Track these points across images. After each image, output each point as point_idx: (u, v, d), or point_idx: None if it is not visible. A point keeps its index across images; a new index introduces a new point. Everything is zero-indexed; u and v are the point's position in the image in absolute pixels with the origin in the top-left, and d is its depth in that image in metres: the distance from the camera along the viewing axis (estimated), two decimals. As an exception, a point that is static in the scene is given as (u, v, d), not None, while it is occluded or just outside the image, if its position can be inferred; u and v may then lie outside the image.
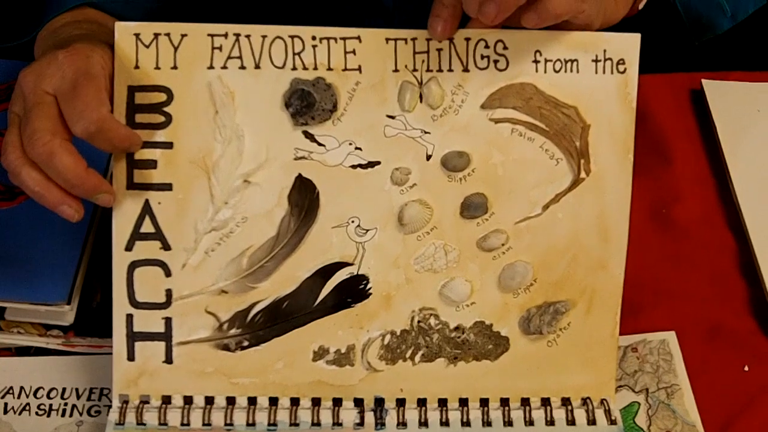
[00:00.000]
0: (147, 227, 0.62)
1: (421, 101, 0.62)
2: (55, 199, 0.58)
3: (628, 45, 0.62)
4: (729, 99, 0.84)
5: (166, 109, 0.61)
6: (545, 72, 0.62)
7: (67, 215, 0.59)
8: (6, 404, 0.66)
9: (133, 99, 0.61)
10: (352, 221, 0.63)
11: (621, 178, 0.63)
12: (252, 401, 0.64)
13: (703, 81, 0.85)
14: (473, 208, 0.63)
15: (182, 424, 0.63)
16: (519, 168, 0.63)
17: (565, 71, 0.62)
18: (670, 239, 0.77)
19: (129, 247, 0.62)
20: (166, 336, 0.63)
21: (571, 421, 0.64)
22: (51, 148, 0.56)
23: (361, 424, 0.63)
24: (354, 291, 0.63)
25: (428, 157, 0.63)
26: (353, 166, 0.62)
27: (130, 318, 0.63)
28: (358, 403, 0.64)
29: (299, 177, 0.62)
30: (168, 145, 0.61)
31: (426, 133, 0.62)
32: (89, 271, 0.69)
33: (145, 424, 0.63)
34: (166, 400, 0.63)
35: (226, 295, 0.63)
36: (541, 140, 0.63)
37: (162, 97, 0.61)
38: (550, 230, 0.63)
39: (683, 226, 0.78)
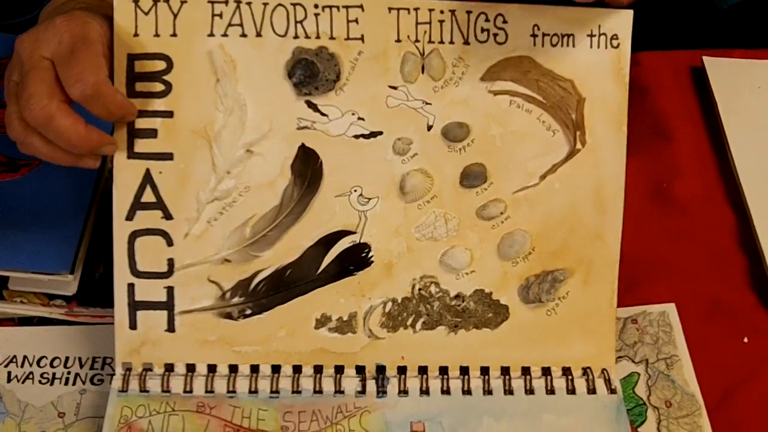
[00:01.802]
0: (148, 197, 0.62)
1: (422, 72, 0.63)
2: (71, 159, 0.59)
3: (622, 21, 0.63)
4: (729, 76, 0.84)
5: (165, 77, 0.61)
6: (543, 46, 0.63)
7: (90, 166, 0.60)
8: (9, 373, 0.67)
9: (133, 67, 0.61)
10: (355, 190, 0.63)
11: (616, 150, 0.64)
12: (254, 369, 0.64)
13: (704, 58, 0.85)
14: (472, 177, 0.64)
15: (185, 392, 0.63)
16: (517, 139, 0.63)
17: (562, 45, 0.63)
18: (671, 215, 0.77)
19: (130, 217, 0.62)
20: (168, 305, 0.63)
21: (571, 390, 0.64)
22: (48, 111, 0.56)
23: (363, 392, 0.64)
24: (356, 259, 0.64)
25: (429, 128, 0.63)
26: (356, 136, 0.63)
27: (131, 287, 0.63)
28: (360, 370, 0.64)
29: (302, 147, 0.63)
30: (168, 114, 0.61)
31: (427, 104, 0.63)
32: (92, 243, 0.69)
33: (148, 392, 0.63)
34: (169, 368, 0.64)
35: (229, 264, 0.63)
36: (538, 112, 0.63)
37: (161, 65, 0.61)
38: (547, 200, 0.64)
39: (683, 203, 0.78)
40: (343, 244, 0.64)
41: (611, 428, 0.62)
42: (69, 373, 0.67)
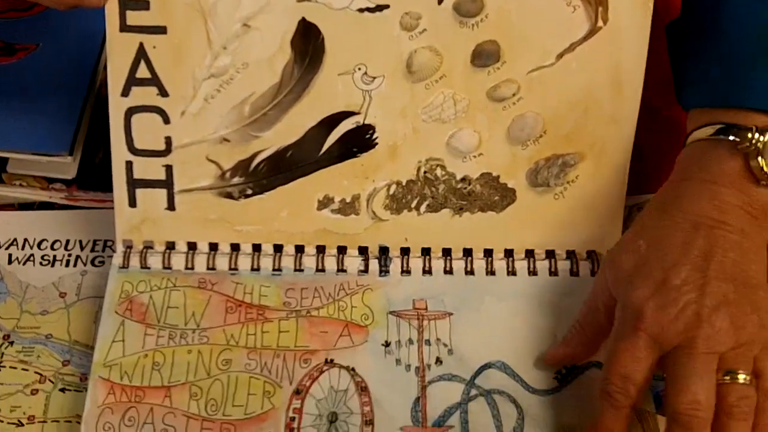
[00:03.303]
0: (143, 72, 0.60)
1: (434, -61, 0.58)
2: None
3: None
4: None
5: (157, -56, 0.57)
6: None
7: (94, 4, 0.58)
8: (10, 255, 0.66)
9: (123, -66, 0.56)
10: (359, 68, 0.60)
11: (639, 30, 0.60)
12: (256, 248, 0.64)
13: None
14: (485, 56, 0.60)
15: (186, 268, 0.63)
16: (534, 15, 0.59)
17: None
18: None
19: (125, 93, 0.60)
20: (167, 183, 0.62)
21: (575, 273, 0.64)
22: None
23: (365, 271, 0.64)
24: (360, 141, 0.62)
25: (440, 1, 0.59)
26: (360, 10, 0.59)
27: (129, 165, 0.62)
28: (363, 251, 0.64)
29: (302, 21, 0.59)
30: (160, -15, 0.58)
31: (438, -26, 0.59)
32: (92, 127, 0.68)
33: (149, 268, 0.63)
34: (170, 245, 0.64)
35: (228, 143, 0.61)
36: (558, -15, 0.59)
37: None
38: (562, 81, 0.61)
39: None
40: (347, 125, 0.61)
41: (613, 309, 0.63)
42: (70, 255, 0.67)
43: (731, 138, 0.56)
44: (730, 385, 0.52)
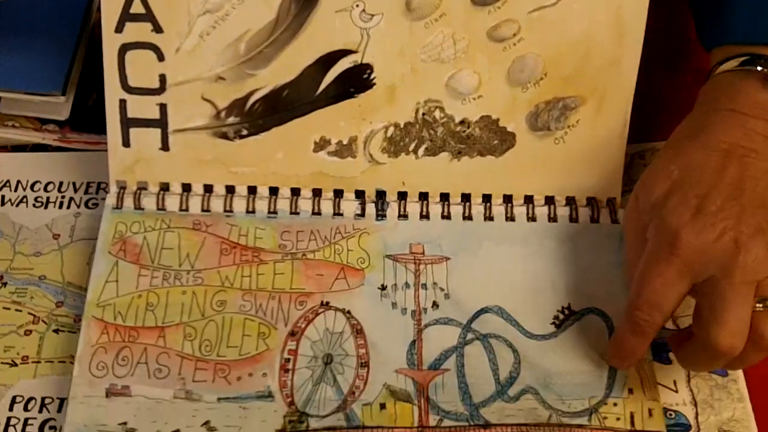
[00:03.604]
0: (137, 7, 0.58)
1: None
2: None
3: None
4: None
5: None
6: None
7: None
8: (3, 196, 0.66)
9: None
10: (357, 5, 0.59)
11: (642, -29, 0.59)
12: (252, 190, 0.63)
13: None
14: (486, -6, 0.59)
15: (181, 210, 0.62)
16: (536, -48, 0.58)
17: None
18: (686, 53, 0.72)
19: (119, 29, 0.59)
20: (161, 123, 0.61)
21: (574, 219, 0.63)
22: None
23: (362, 215, 0.63)
24: (357, 81, 0.61)
25: (440, -63, 0.58)
26: (358, -55, 0.58)
27: (123, 103, 0.60)
28: (359, 195, 0.63)
29: (299, -44, 0.58)
30: None
31: None
32: (85, 69, 0.67)
33: (143, 209, 0.62)
34: (164, 186, 0.63)
35: (223, 82, 0.60)
36: None
37: None
38: (564, 22, 0.59)
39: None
40: (344, 64, 0.60)
41: (612, 256, 0.62)
42: (63, 197, 0.66)
43: (759, 69, 0.55)
44: (763, 313, 0.51)
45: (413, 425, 0.55)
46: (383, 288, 0.60)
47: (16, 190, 0.66)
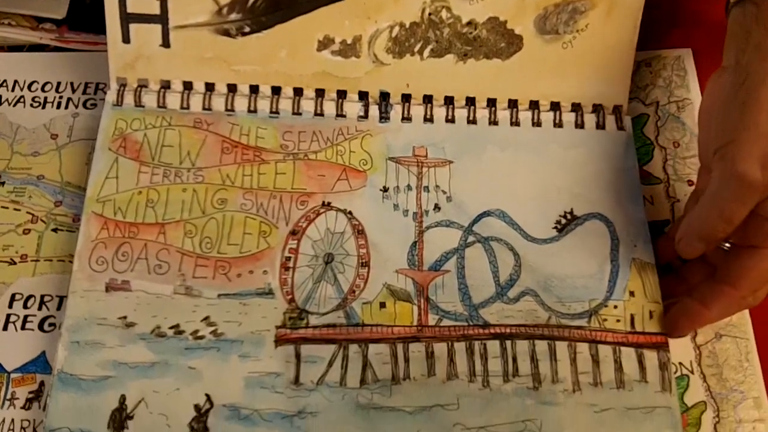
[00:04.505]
0: None
1: None
2: None
3: None
4: None
5: None
6: None
7: None
8: (0, 96, 0.65)
9: None
10: None
11: None
12: (254, 89, 0.62)
13: None
14: None
15: (182, 108, 0.61)
16: None
17: None
18: None
19: None
20: (162, 18, 0.60)
21: (580, 125, 0.62)
22: None
23: (365, 116, 0.62)
24: (362, -23, 0.59)
25: None
26: None
27: (123, -3, 0.59)
28: (363, 96, 0.62)
29: None
30: None
31: None
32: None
33: (143, 106, 0.61)
34: (165, 84, 0.62)
35: (226, -25, 0.59)
36: None
37: None
38: None
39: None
40: (350, -41, 0.59)
41: (618, 161, 0.61)
42: (61, 97, 0.65)
43: None
44: None
45: (412, 324, 0.56)
46: (385, 190, 0.60)
47: (13, 90, 0.65)
